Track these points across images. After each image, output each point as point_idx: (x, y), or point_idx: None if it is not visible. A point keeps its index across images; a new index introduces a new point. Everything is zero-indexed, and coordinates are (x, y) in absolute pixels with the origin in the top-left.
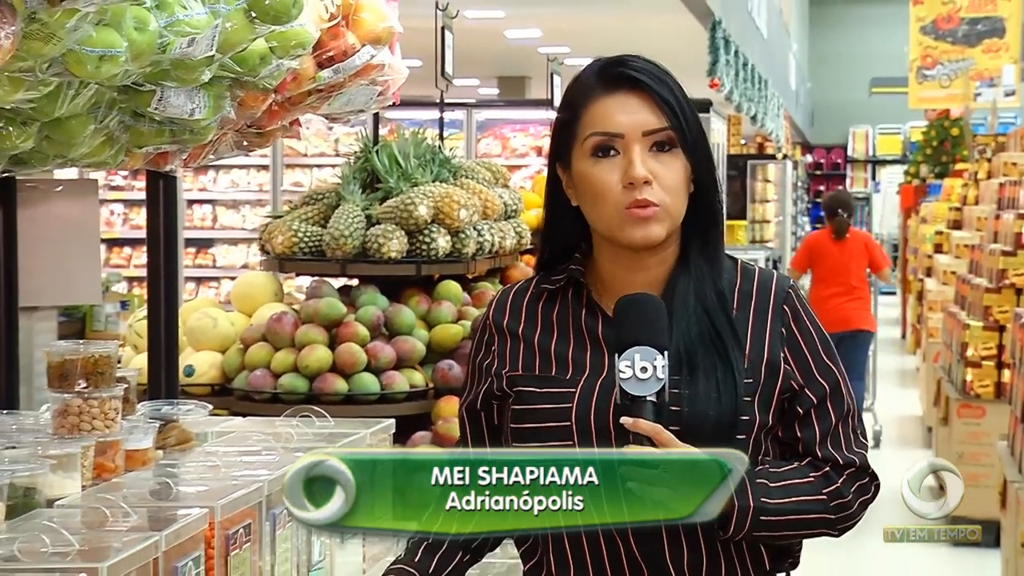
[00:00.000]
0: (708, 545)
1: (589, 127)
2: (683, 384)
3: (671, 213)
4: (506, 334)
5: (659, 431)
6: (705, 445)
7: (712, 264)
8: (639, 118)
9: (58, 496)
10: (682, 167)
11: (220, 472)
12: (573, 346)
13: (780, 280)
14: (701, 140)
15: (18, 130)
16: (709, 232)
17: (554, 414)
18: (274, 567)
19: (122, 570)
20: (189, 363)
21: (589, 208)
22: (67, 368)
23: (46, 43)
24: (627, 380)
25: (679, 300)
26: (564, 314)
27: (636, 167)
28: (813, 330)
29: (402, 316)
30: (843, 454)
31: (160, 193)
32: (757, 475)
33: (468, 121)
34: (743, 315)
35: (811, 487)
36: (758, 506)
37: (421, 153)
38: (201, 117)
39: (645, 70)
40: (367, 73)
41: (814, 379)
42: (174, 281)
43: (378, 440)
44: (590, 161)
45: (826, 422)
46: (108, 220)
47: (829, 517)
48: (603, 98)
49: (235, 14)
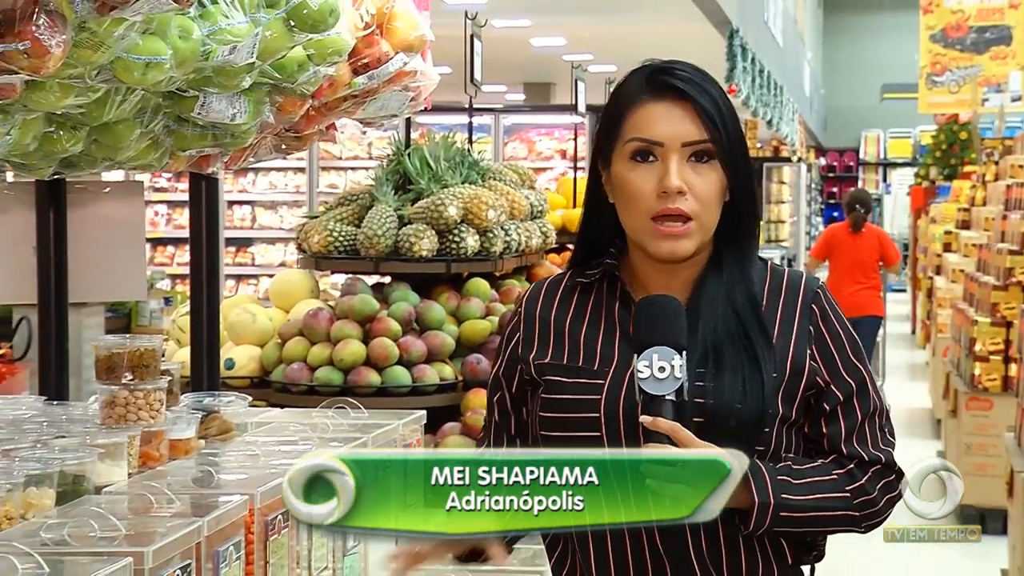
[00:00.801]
0: (729, 539)
1: (631, 131)
2: (708, 378)
3: (703, 226)
4: (536, 321)
5: (677, 429)
6: (729, 438)
7: (744, 270)
8: (680, 128)
9: (106, 483)
10: (718, 179)
11: (259, 461)
12: (603, 337)
13: (809, 280)
14: (740, 151)
15: (68, 134)
16: (743, 241)
17: (583, 405)
18: (311, 551)
19: (166, 554)
20: (229, 357)
21: (622, 210)
22: (114, 361)
23: (95, 51)
24: (646, 379)
25: (707, 299)
26: (597, 305)
27: (672, 177)
28: (841, 330)
29: (432, 312)
30: (868, 451)
31: (202, 194)
32: (778, 471)
33: (496, 125)
34: (771, 313)
35: (834, 484)
36: (778, 502)
37: (451, 156)
38: (242, 122)
39: (691, 80)
40: (400, 79)
41: (840, 377)
42: (215, 278)
43: (410, 431)
44: (628, 164)
45: (852, 419)
46: (152, 220)
47: (853, 514)
48: (647, 104)
49: (275, 23)
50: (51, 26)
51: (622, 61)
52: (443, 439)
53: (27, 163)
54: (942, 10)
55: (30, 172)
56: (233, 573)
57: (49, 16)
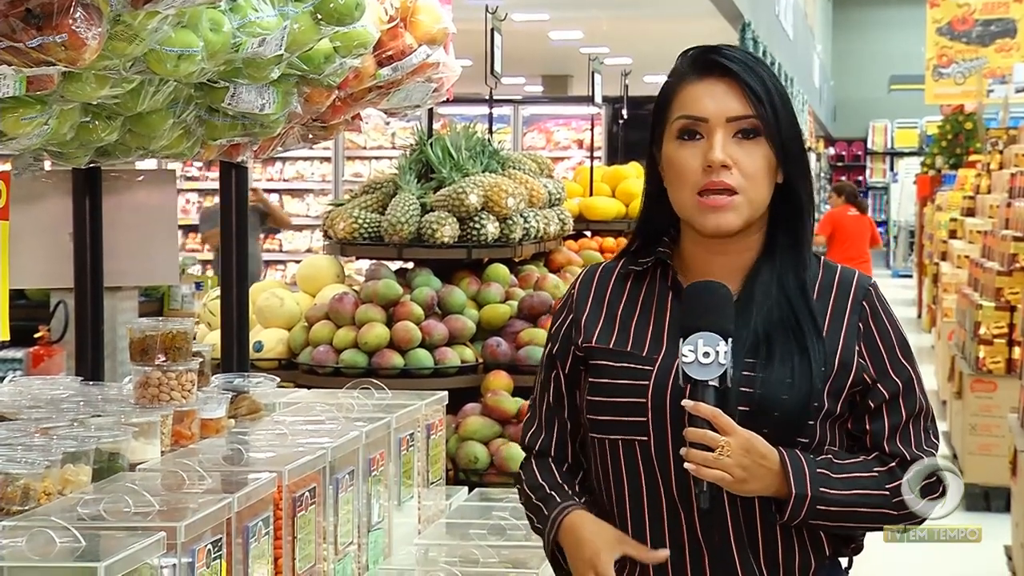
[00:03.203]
0: (766, 527)
1: (678, 110)
2: (759, 368)
3: (751, 201)
4: (588, 305)
5: (718, 415)
6: (774, 429)
7: (797, 256)
8: (724, 104)
9: (139, 461)
10: (764, 156)
11: (287, 440)
12: (653, 324)
13: (861, 278)
14: (791, 131)
15: (103, 124)
16: (796, 223)
17: (630, 390)
18: (337, 527)
19: (198, 529)
20: (258, 339)
21: (672, 190)
22: (148, 343)
23: (129, 43)
24: (690, 364)
25: (761, 286)
26: (649, 292)
27: (716, 151)
28: (891, 328)
29: (454, 296)
30: (911, 451)
31: (232, 182)
32: (819, 464)
33: (515, 116)
34: (821, 307)
35: (874, 481)
36: (816, 495)
37: (472, 146)
38: (270, 112)
39: (737, 59)
40: (423, 71)
41: (887, 375)
42: (244, 264)
43: (432, 411)
44: (676, 144)
45: (896, 418)
46: (184, 208)
47: (891, 513)
48: (693, 83)
49: (302, 16)
50: (87, 19)
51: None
52: (464, 419)
53: (64, 152)
54: (948, 4)
55: (67, 160)
56: (262, 548)
57: (86, 9)
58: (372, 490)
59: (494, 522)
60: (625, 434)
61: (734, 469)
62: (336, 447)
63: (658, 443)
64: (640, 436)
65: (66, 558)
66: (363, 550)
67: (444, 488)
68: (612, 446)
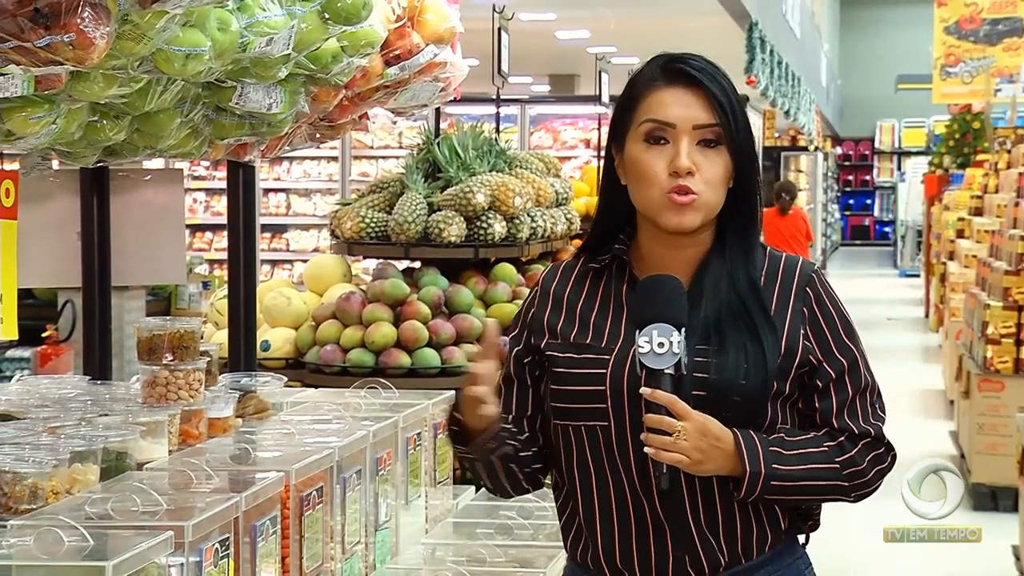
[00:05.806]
0: (725, 505)
1: (645, 113)
2: (711, 354)
3: (707, 204)
4: (550, 299)
5: (675, 401)
6: (729, 411)
7: (746, 252)
8: (691, 112)
9: (147, 460)
10: (724, 164)
11: (294, 439)
12: (611, 318)
13: (804, 265)
14: (747, 139)
15: (111, 123)
16: (746, 226)
17: (590, 378)
18: (344, 526)
19: (205, 528)
20: (265, 339)
21: (635, 189)
22: (155, 342)
23: (137, 43)
24: (646, 354)
25: (711, 278)
26: (607, 288)
27: (682, 158)
28: (834, 311)
29: (461, 296)
30: (859, 425)
31: (239, 182)
32: (771, 443)
33: (522, 116)
34: (768, 294)
35: (824, 456)
36: (769, 472)
37: (479, 145)
38: (278, 111)
39: (703, 69)
40: (430, 70)
41: (832, 355)
42: (252, 263)
43: (439, 410)
44: (642, 146)
45: (843, 394)
46: (191, 207)
47: (842, 484)
48: (662, 89)
49: (310, 15)
50: (95, 19)
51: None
52: None
53: (72, 151)
54: (956, 3)
55: (75, 160)
56: (269, 547)
57: (94, 9)
58: (379, 489)
59: (501, 521)
60: (587, 420)
61: (691, 452)
62: (343, 446)
63: (618, 428)
64: (601, 422)
65: (74, 557)
66: (370, 549)
67: (451, 487)
68: (576, 432)
